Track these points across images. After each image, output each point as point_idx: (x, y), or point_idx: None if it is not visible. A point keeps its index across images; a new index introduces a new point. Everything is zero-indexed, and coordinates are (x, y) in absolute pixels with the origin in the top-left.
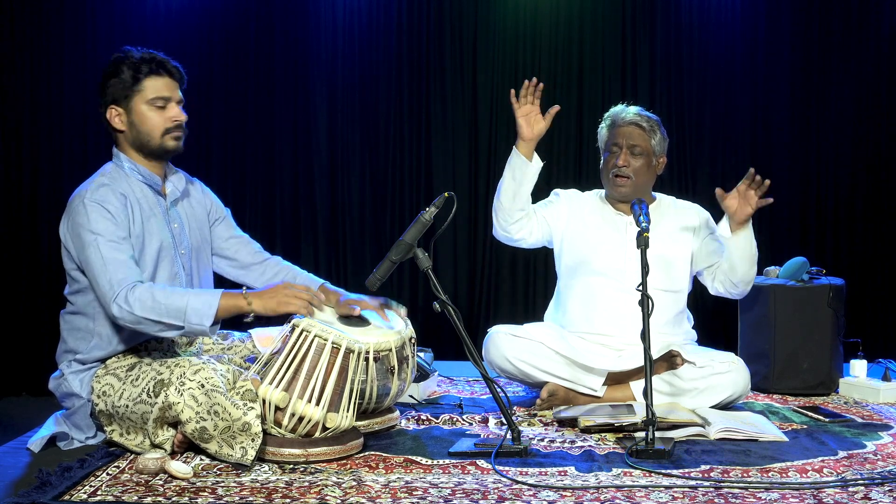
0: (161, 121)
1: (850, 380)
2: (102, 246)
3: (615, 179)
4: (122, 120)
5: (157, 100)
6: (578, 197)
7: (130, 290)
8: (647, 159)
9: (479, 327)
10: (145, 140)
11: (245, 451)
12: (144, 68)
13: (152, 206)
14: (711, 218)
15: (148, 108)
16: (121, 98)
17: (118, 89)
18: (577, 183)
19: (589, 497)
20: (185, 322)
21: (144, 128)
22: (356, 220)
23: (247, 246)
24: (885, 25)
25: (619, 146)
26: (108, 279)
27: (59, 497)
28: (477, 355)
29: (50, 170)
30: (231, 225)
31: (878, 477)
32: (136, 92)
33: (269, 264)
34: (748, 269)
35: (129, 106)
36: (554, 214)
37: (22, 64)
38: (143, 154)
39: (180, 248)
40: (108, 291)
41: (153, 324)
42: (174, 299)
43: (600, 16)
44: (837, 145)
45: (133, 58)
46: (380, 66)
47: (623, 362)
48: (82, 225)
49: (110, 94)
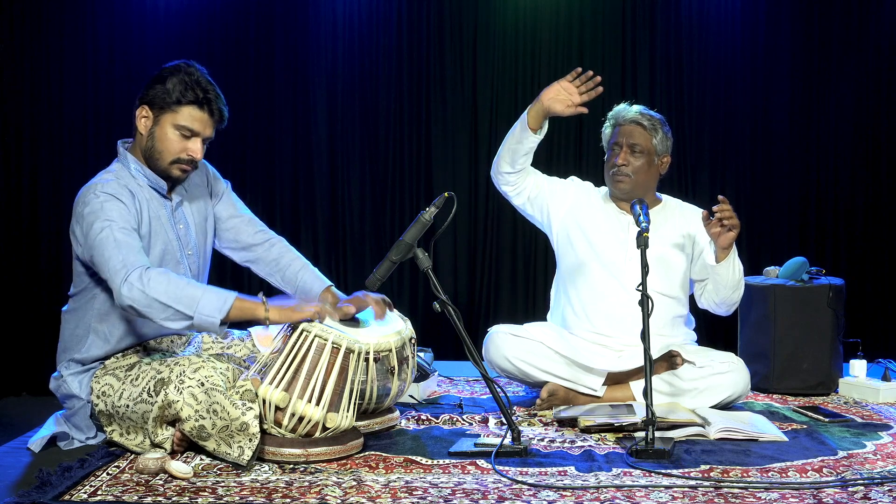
0: (177, 148)
1: (850, 380)
2: (116, 231)
3: (614, 177)
4: (146, 125)
5: (185, 129)
6: (589, 191)
7: (145, 270)
8: (647, 158)
9: (479, 327)
10: (155, 156)
11: (242, 450)
12: (191, 95)
13: (157, 209)
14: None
15: (172, 131)
16: (156, 105)
17: (159, 96)
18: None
19: (589, 497)
20: (196, 312)
21: (160, 146)
22: (356, 220)
23: (248, 226)
24: (885, 25)
25: (620, 145)
26: (122, 259)
27: (59, 497)
28: (477, 355)
29: (50, 170)
30: (231, 203)
31: (878, 477)
32: (172, 111)
33: (273, 247)
34: (730, 294)
35: (159, 117)
36: (557, 193)
37: (22, 64)
38: (148, 165)
39: (187, 250)
40: (119, 270)
41: (163, 308)
42: (190, 288)
43: (600, 16)
44: (837, 145)
45: (190, 77)
46: (380, 67)
47: (623, 362)
48: (95, 213)
49: (150, 96)
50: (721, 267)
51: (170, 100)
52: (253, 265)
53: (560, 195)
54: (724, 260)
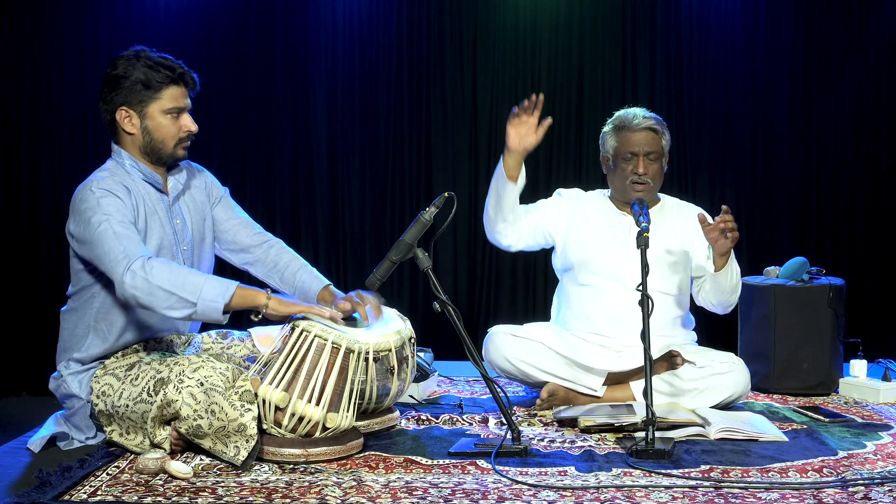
0: (175, 130)
1: (850, 380)
2: (115, 224)
3: (634, 186)
4: (135, 124)
5: (173, 110)
6: (581, 197)
7: (147, 260)
8: (661, 162)
9: (479, 327)
10: (157, 147)
11: (238, 450)
12: (164, 76)
13: (154, 203)
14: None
15: (163, 117)
16: (134, 102)
17: (133, 92)
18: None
19: (589, 497)
20: (200, 299)
21: (158, 136)
22: (356, 220)
23: (246, 227)
24: (885, 25)
25: (636, 153)
26: (123, 249)
27: (59, 497)
28: (477, 355)
29: (50, 170)
30: (229, 206)
31: (878, 477)
32: (154, 99)
33: (271, 249)
34: (728, 297)
35: (143, 111)
36: (552, 217)
37: (22, 64)
38: (151, 159)
39: (182, 245)
40: (121, 260)
41: (166, 296)
42: (192, 276)
43: (600, 16)
44: (837, 145)
45: (151, 61)
46: (380, 66)
47: (623, 362)
48: (92, 209)
49: (123, 96)
50: (720, 275)
51: (147, 91)
52: (251, 267)
53: (554, 217)
54: (723, 268)
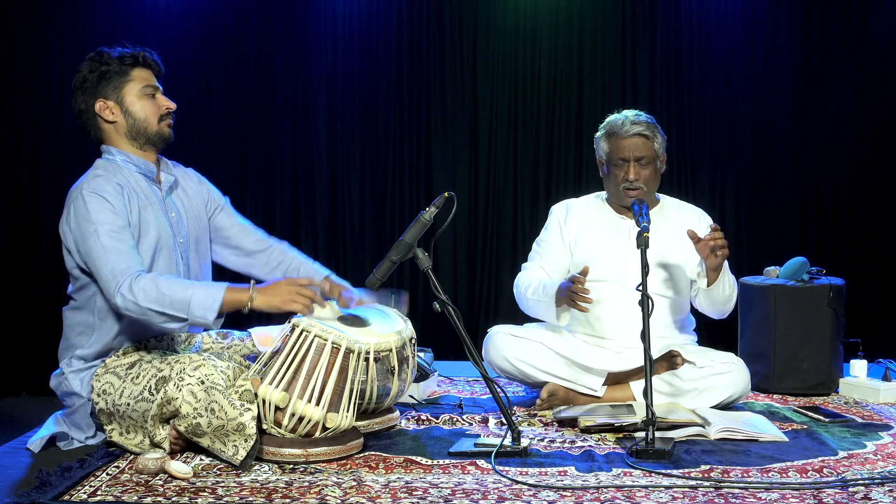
0: (155, 108)
1: (850, 380)
2: (103, 236)
3: (627, 191)
4: (115, 112)
5: (147, 87)
6: (574, 208)
7: (134, 279)
8: (654, 165)
9: (479, 327)
10: (142, 127)
11: (237, 449)
12: (129, 60)
13: (148, 196)
14: (713, 223)
15: (140, 97)
16: (109, 91)
17: (104, 82)
18: (577, 184)
19: (589, 497)
20: (189, 314)
21: (140, 115)
22: (356, 220)
23: (250, 234)
24: (885, 25)
25: (626, 160)
26: (111, 269)
27: (59, 497)
28: (477, 355)
29: (50, 170)
30: (231, 213)
31: (878, 477)
32: (127, 82)
33: (273, 252)
34: (722, 307)
35: (119, 97)
36: (558, 245)
37: (22, 64)
38: (139, 143)
39: (178, 238)
40: (111, 281)
41: (157, 315)
42: (178, 291)
43: (600, 16)
44: (837, 145)
45: (109, 54)
46: (380, 66)
47: (623, 362)
48: (82, 216)
49: (96, 90)
50: (713, 289)
51: (117, 77)
52: (254, 269)
53: (561, 243)
54: (715, 282)
